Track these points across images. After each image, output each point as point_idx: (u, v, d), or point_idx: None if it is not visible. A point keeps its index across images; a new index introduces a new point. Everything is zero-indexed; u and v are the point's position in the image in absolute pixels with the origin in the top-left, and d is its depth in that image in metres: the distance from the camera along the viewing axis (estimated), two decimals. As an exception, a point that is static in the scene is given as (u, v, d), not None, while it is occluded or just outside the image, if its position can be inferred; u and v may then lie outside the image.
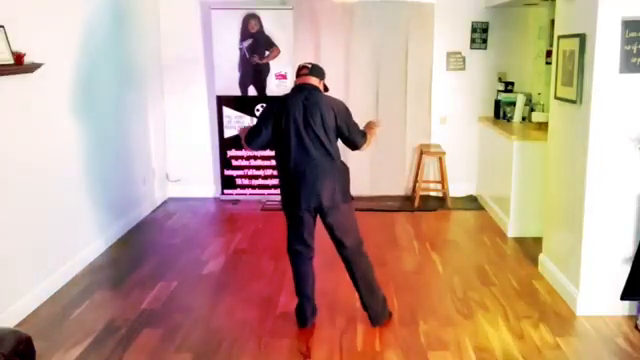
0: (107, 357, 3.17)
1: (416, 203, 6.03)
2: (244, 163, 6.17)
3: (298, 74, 3.46)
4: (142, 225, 5.49)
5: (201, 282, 4.18)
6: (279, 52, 5.92)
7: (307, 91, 3.36)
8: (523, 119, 5.74)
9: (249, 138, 3.47)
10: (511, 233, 5.06)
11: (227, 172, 6.21)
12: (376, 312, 3.51)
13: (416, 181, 6.18)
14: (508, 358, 3.14)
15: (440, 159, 6.10)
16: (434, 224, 5.52)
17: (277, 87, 5.97)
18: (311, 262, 3.55)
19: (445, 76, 6.23)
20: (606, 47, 3.36)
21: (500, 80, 6.16)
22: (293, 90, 3.45)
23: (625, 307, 3.57)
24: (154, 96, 6.02)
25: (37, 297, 3.76)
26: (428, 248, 4.84)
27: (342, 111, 3.42)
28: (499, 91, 6.08)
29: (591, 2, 3.41)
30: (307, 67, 3.44)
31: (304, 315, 3.52)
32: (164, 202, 6.26)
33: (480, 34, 6.15)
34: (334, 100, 3.43)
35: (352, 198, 3.49)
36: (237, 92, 6.03)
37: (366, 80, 6.20)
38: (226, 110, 6.07)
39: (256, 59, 5.96)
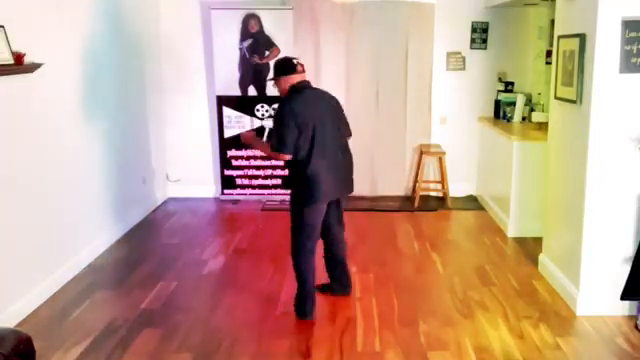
0: (107, 357, 3.17)
1: (416, 203, 6.03)
2: (244, 163, 6.17)
3: (297, 70, 3.52)
4: (142, 225, 5.49)
5: (201, 282, 4.18)
6: (279, 52, 5.91)
7: (316, 88, 3.68)
8: (523, 119, 5.74)
9: (281, 146, 3.39)
10: (511, 233, 5.06)
11: (227, 172, 6.21)
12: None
13: (416, 181, 6.18)
14: (508, 358, 3.14)
15: (440, 159, 6.10)
16: (434, 224, 5.52)
17: (277, 87, 5.96)
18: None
19: (445, 76, 6.23)
20: (606, 47, 3.36)
21: (500, 80, 6.16)
22: (303, 88, 3.54)
23: (625, 307, 3.57)
24: (154, 96, 6.02)
25: (37, 297, 3.76)
26: (428, 248, 4.84)
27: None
28: (499, 91, 6.08)
29: (591, 2, 3.41)
30: (302, 64, 3.58)
31: (313, 307, 3.62)
32: (164, 202, 6.26)
33: (480, 34, 6.15)
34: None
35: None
36: (237, 92, 6.03)
37: (366, 80, 6.19)
38: (226, 110, 6.07)
39: (256, 59, 5.96)
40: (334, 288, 3.92)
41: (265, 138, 3.86)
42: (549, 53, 5.23)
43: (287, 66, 3.55)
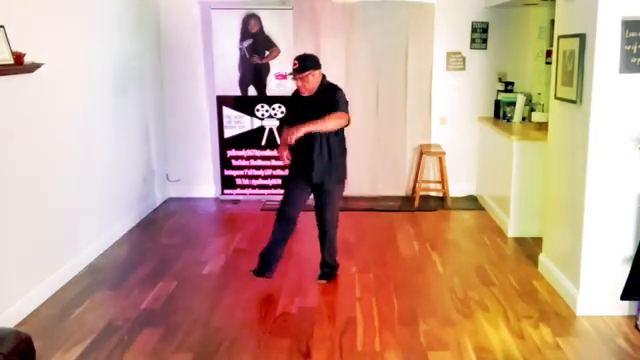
0: (107, 357, 3.17)
1: (416, 203, 6.03)
2: (244, 163, 6.17)
3: None
4: (142, 225, 5.49)
5: (201, 282, 4.18)
6: (279, 52, 5.92)
7: None
8: (523, 119, 5.74)
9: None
10: (511, 233, 5.06)
11: (227, 172, 6.21)
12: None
13: (416, 181, 6.18)
14: (508, 358, 3.14)
15: (440, 159, 6.10)
16: (434, 224, 5.52)
17: (277, 87, 5.97)
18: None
19: (445, 76, 6.23)
20: (606, 47, 3.36)
21: (500, 80, 6.16)
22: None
23: (625, 307, 3.57)
24: (154, 96, 6.02)
25: (37, 297, 3.76)
26: (428, 248, 4.84)
27: None
28: (499, 91, 6.08)
29: (591, 2, 3.41)
30: None
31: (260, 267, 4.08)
32: (164, 202, 6.26)
33: (480, 34, 6.15)
34: None
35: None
36: (237, 92, 6.03)
37: (366, 80, 6.19)
38: (226, 110, 6.06)
39: (256, 59, 5.96)
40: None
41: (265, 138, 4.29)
42: (549, 53, 5.23)
43: (319, 61, 3.85)
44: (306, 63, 3.77)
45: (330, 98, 3.82)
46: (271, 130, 6.04)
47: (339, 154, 3.95)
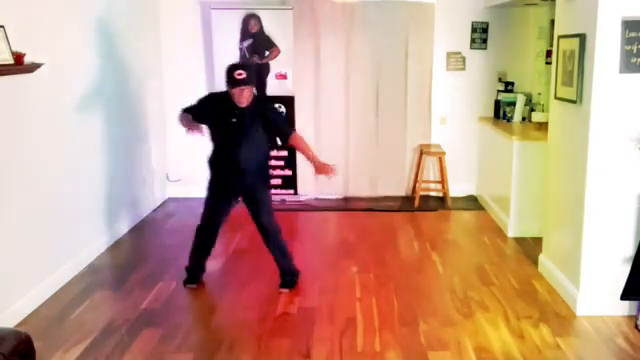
0: (107, 357, 3.17)
1: (416, 203, 6.03)
2: (244, 163, 6.16)
3: None
4: (142, 225, 5.49)
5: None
6: (279, 52, 5.92)
7: None
8: (523, 119, 5.74)
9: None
10: (511, 233, 5.06)
11: (227, 172, 6.20)
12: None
13: (416, 181, 6.18)
14: (508, 358, 3.14)
15: (440, 159, 6.10)
16: (434, 224, 5.52)
17: (277, 87, 5.96)
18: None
19: (445, 76, 6.23)
20: (606, 47, 3.36)
21: (500, 80, 6.16)
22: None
23: (625, 307, 3.57)
24: (154, 96, 6.02)
25: (37, 297, 3.76)
26: (428, 248, 4.84)
27: None
28: (499, 91, 6.08)
29: (591, 2, 3.41)
30: None
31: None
32: (164, 202, 6.26)
33: (480, 34, 6.15)
34: None
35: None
36: (237, 92, 6.02)
37: (366, 80, 6.19)
38: (226, 110, 6.05)
39: (256, 59, 5.96)
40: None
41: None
42: (549, 53, 5.23)
43: None
44: (251, 74, 3.72)
45: (263, 110, 3.88)
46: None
47: (266, 161, 3.97)
